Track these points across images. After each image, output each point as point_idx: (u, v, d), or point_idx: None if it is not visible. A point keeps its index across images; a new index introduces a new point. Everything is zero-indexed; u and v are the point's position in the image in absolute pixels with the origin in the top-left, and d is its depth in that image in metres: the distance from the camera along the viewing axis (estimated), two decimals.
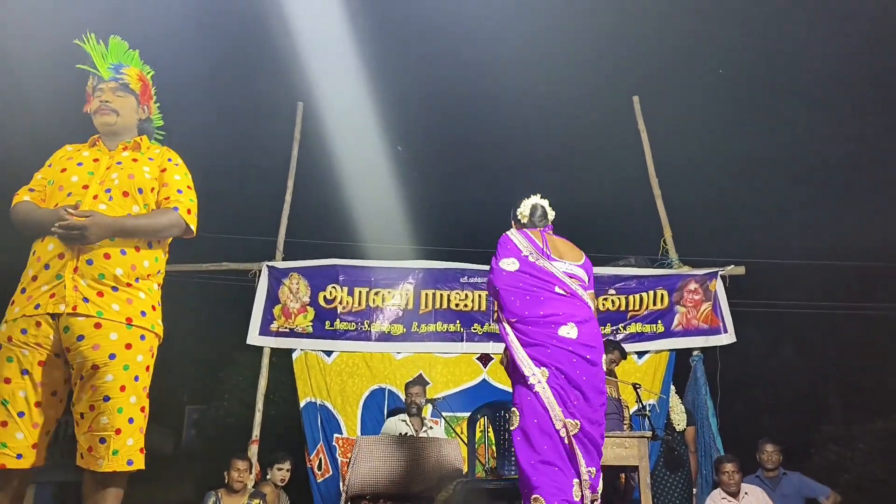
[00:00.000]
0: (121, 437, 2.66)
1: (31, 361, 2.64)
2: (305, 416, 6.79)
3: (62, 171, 2.89)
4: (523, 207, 3.89)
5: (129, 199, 2.86)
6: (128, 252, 2.80)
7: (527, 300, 3.40)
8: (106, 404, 2.64)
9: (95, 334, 2.66)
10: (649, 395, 6.52)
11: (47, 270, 2.70)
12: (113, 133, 3.02)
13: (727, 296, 7.15)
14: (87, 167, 2.90)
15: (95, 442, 2.63)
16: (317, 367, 6.89)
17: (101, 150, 2.99)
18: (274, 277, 7.00)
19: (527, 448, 3.17)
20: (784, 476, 6.28)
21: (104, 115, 3.00)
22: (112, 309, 2.71)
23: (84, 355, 2.64)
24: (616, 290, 7.15)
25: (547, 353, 3.25)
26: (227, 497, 5.83)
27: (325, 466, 6.61)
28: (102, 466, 2.63)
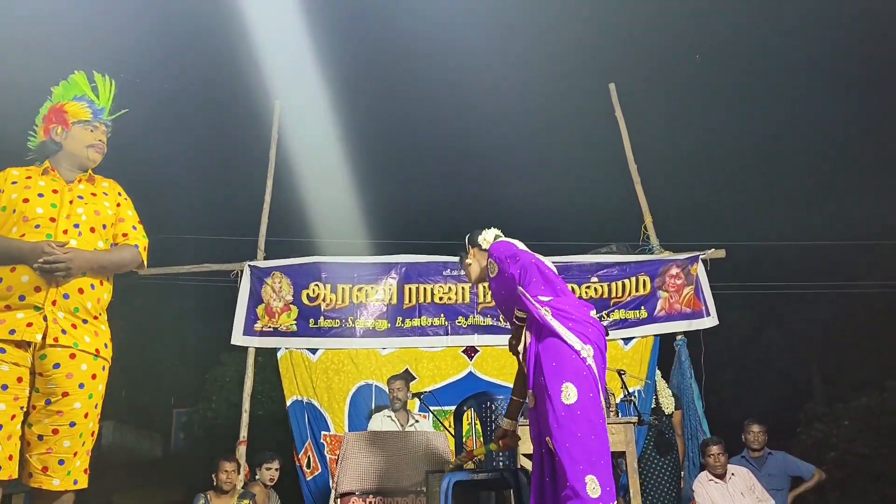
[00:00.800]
0: (76, 458, 2.83)
1: (11, 377, 2.72)
2: (292, 414, 6.78)
3: (24, 200, 2.89)
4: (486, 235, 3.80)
5: (96, 235, 2.97)
6: (95, 286, 2.92)
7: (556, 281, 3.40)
8: (71, 430, 2.80)
9: (70, 364, 2.81)
10: (635, 381, 6.56)
11: (22, 301, 2.78)
12: (82, 169, 3.08)
13: (709, 279, 7.20)
14: (49, 198, 2.93)
15: (54, 463, 2.79)
16: (302, 365, 6.88)
17: (58, 180, 3.00)
18: (256, 277, 6.98)
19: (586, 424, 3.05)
20: (769, 455, 6.36)
21: (97, 153, 3.10)
22: (84, 341, 2.86)
23: (56, 382, 2.79)
24: (598, 277, 7.18)
25: (589, 331, 3.22)
26: (217, 499, 5.82)
27: (314, 464, 6.61)
28: (58, 486, 2.79)
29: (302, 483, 6.63)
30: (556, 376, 3.13)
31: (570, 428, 3.04)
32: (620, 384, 5.43)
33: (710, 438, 6.13)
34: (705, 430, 6.65)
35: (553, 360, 3.16)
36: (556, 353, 3.17)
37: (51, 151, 3.06)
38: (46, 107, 3.15)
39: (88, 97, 3.13)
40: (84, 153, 3.06)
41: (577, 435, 3.03)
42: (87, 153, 3.06)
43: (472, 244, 3.79)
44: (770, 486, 6.14)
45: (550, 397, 3.11)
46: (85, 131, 3.07)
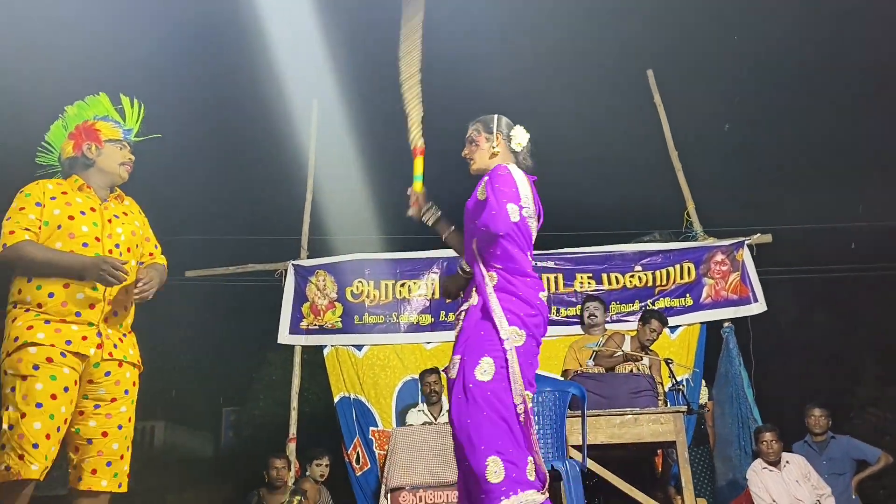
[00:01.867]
0: (122, 462, 2.97)
1: (69, 381, 2.82)
2: (340, 411, 6.84)
3: (69, 217, 2.96)
4: (519, 133, 3.24)
5: (132, 254, 3.11)
6: (132, 305, 3.08)
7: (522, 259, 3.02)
8: (119, 432, 2.95)
9: (118, 372, 2.97)
10: (682, 369, 6.48)
11: (78, 318, 2.90)
12: (112, 186, 3.17)
13: (755, 264, 7.08)
14: (90, 217, 3.02)
15: (102, 465, 2.91)
16: (348, 361, 6.93)
17: (93, 197, 3.07)
18: (300, 276, 7.05)
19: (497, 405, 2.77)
20: (832, 440, 6.25)
21: (126, 171, 3.18)
22: (129, 353, 3.04)
23: (107, 389, 2.94)
24: (642, 266, 7.11)
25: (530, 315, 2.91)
26: (269, 495, 5.90)
27: (363, 460, 6.66)
28: (106, 487, 2.91)
29: (352, 479, 6.69)
30: (479, 346, 2.87)
31: (476, 404, 2.77)
32: (668, 373, 5.36)
33: (763, 426, 6.03)
34: (756, 417, 6.54)
35: (483, 328, 2.89)
36: (489, 323, 2.89)
37: (79, 168, 3.12)
38: (59, 126, 3.22)
39: (112, 118, 3.22)
40: (117, 171, 3.15)
41: (482, 413, 2.76)
42: (119, 171, 3.16)
43: (500, 130, 3.21)
44: (831, 470, 6.03)
45: (465, 366, 2.87)
46: (116, 149, 3.16)
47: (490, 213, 2.88)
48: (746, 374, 6.78)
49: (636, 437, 4.69)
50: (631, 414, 4.71)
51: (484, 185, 3.03)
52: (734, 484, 6.39)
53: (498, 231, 2.86)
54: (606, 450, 4.71)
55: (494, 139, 3.17)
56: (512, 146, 3.18)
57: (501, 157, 3.15)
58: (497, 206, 2.88)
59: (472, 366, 2.83)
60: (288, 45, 10.28)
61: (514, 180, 2.98)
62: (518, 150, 3.19)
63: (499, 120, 3.20)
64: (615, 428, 4.68)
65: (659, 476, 5.72)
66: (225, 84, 13.18)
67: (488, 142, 3.17)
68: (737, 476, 6.30)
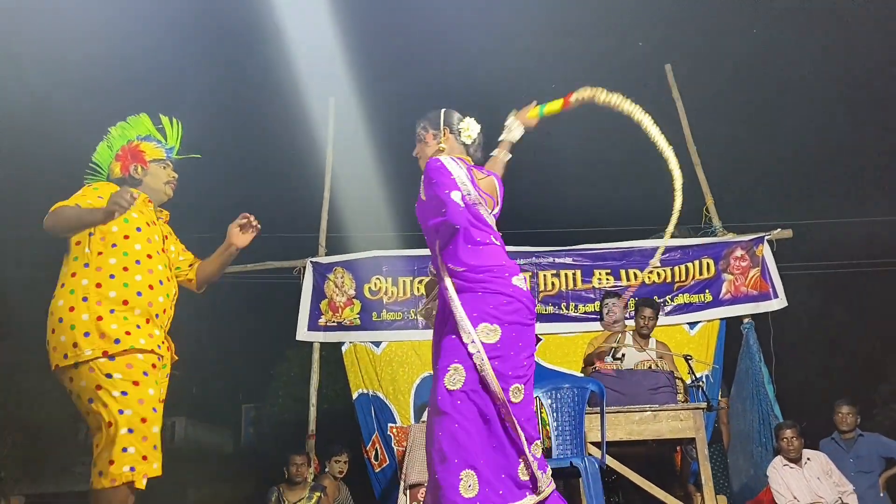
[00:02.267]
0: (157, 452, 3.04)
1: (158, 379, 2.99)
2: (359, 407, 6.86)
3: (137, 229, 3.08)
4: (471, 126, 3.13)
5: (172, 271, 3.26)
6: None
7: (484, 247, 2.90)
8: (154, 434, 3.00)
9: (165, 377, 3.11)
10: (702, 366, 6.45)
11: (157, 319, 3.05)
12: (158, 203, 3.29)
13: (776, 260, 7.02)
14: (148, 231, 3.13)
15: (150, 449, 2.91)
16: (366, 358, 6.95)
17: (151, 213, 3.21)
18: (318, 273, 7.08)
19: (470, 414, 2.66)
20: (861, 437, 6.20)
21: (171, 189, 3.31)
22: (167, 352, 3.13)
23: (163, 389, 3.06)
24: (661, 262, 7.08)
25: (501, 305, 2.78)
26: (289, 491, 5.94)
27: (382, 456, 6.68)
28: (157, 470, 2.93)
29: (370, 475, 6.71)
30: (448, 352, 2.75)
31: (447, 415, 2.64)
32: (688, 369, 5.34)
33: (784, 422, 5.99)
34: (777, 414, 6.49)
35: (453, 332, 2.78)
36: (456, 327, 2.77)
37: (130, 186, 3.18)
38: (105, 147, 3.31)
39: (154, 137, 3.32)
40: (163, 189, 3.28)
41: (454, 424, 2.63)
42: (165, 189, 3.29)
43: (448, 126, 3.11)
44: (859, 468, 5.99)
45: (436, 374, 2.77)
46: (160, 169, 3.28)
47: (439, 212, 2.80)
48: (767, 371, 6.73)
49: (655, 433, 4.68)
50: (650, 410, 4.69)
51: (422, 184, 2.96)
52: (755, 480, 6.35)
53: (458, 223, 2.77)
54: (625, 446, 4.70)
55: (441, 134, 3.09)
56: (462, 139, 3.10)
57: (449, 152, 3.06)
58: (445, 200, 2.78)
59: (442, 375, 2.71)
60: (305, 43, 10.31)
61: (447, 168, 2.88)
62: (469, 143, 3.11)
63: (446, 114, 3.12)
64: (634, 424, 4.66)
65: (678, 473, 5.70)
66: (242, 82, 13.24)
67: (435, 138, 3.11)
68: (758, 473, 6.26)
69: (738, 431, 6.78)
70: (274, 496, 5.92)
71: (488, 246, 2.90)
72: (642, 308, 5.78)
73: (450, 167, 2.88)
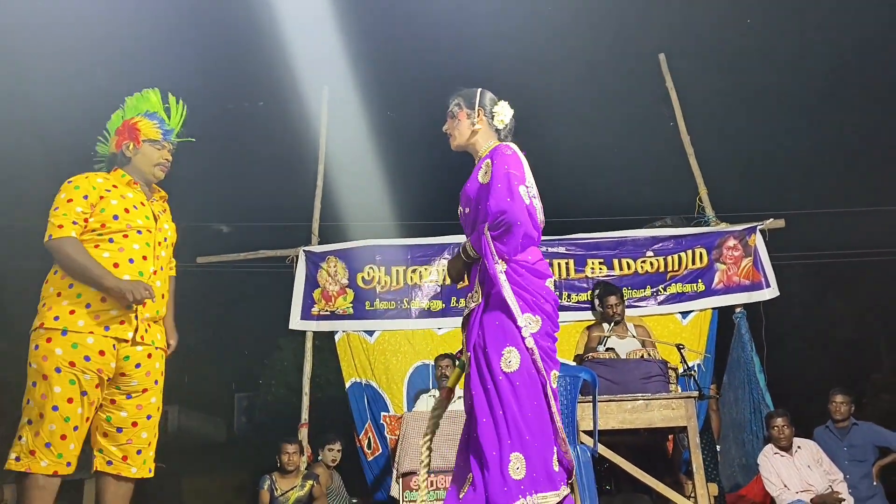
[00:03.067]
0: (150, 449, 3.10)
1: (90, 384, 2.92)
2: (352, 396, 6.87)
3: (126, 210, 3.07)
4: (503, 110, 3.05)
5: (169, 250, 3.26)
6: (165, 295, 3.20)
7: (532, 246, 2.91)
8: (149, 422, 3.08)
9: (147, 363, 3.07)
10: (694, 355, 6.47)
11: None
12: (146, 183, 3.25)
13: (768, 250, 7.04)
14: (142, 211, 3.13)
15: (132, 452, 3.03)
16: (360, 347, 6.95)
17: (140, 194, 3.18)
18: (311, 262, 7.07)
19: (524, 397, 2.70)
20: (855, 426, 6.23)
21: (162, 172, 3.26)
22: (157, 338, 3.14)
23: (138, 380, 3.04)
24: (654, 251, 7.09)
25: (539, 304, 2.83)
26: (281, 480, 5.94)
27: (375, 445, 6.69)
28: (136, 474, 3.04)
29: (363, 463, 6.72)
30: (499, 337, 2.77)
31: (504, 396, 2.68)
32: (680, 358, 5.36)
33: (775, 411, 6.03)
34: (769, 403, 6.53)
35: (498, 319, 2.79)
36: (504, 313, 2.79)
37: (119, 164, 3.22)
38: (119, 116, 3.29)
39: (160, 115, 3.28)
40: (151, 171, 3.23)
41: (511, 406, 2.66)
42: (154, 171, 3.23)
43: (482, 105, 3.04)
44: (852, 456, 6.03)
45: (488, 358, 2.75)
46: (153, 150, 3.23)
47: (504, 200, 2.76)
48: (758, 360, 6.76)
49: (647, 422, 4.69)
50: (642, 399, 4.71)
51: (487, 167, 2.89)
52: (747, 469, 6.38)
53: (517, 220, 2.75)
54: (617, 435, 4.71)
55: (476, 115, 3.01)
56: (494, 123, 3.03)
57: (483, 134, 3.02)
58: (511, 192, 2.76)
59: (497, 358, 2.73)
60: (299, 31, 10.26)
61: (520, 159, 2.88)
62: (500, 128, 3.04)
63: (482, 94, 3.05)
64: (626, 413, 4.68)
65: (670, 461, 5.72)
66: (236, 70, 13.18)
67: (469, 118, 3.02)
68: (749, 461, 6.30)
69: (730, 420, 6.81)
70: (266, 484, 5.93)
71: (535, 245, 2.94)
72: (606, 297, 5.82)
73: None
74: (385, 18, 11.27)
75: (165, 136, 3.26)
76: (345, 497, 6.54)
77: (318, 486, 5.98)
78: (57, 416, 2.84)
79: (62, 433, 2.84)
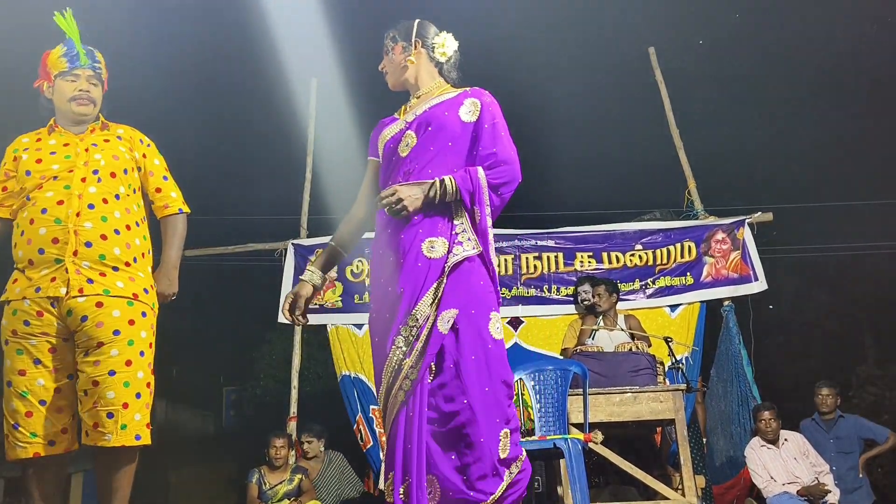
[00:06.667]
0: (128, 411, 2.68)
1: (41, 350, 2.68)
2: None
3: (37, 161, 2.82)
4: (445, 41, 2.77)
5: (116, 181, 2.85)
6: (121, 231, 2.79)
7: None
8: (112, 378, 2.66)
9: (98, 313, 2.68)
10: (682, 348, 6.49)
11: (42, 255, 2.70)
12: (82, 122, 2.94)
13: (756, 243, 7.06)
14: (62, 152, 2.83)
15: (102, 417, 2.65)
16: (349, 340, 6.94)
17: (65, 134, 2.89)
18: (300, 255, 7.04)
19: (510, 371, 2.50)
20: (841, 419, 6.29)
21: (82, 106, 2.89)
22: (117, 286, 2.74)
23: (89, 334, 2.67)
24: (643, 244, 7.10)
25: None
26: (270, 473, 5.94)
27: (366, 437, 6.69)
28: (111, 441, 2.65)
29: (365, 453, 6.73)
30: (486, 299, 2.49)
31: (494, 369, 2.40)
32: (668, 352, 5.38)
33: (762, 404, 6.07)
34: (756, 396, 6.56)
35: (482, 278, 2.51)
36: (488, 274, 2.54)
37: (49, 111, 2.96)
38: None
39: (71, 39, 2.92)
40: (67, 107, 2.89)
41: (501, 379, 2.40)
42: (70, 107, 2.89)
43: (421, 38, 2.75)
44: (839, 449, 6.09)
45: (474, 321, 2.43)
46: (66, 83, 2.89)
47: (512, 150, 2.57)
48: (746, 353, 6.79)
49: (635, 415, 4.71)
50: (630, 392, 4.72)
51: (474, 106, 2.62)
52: (734, 461, 6.42)
53: (519, 176, 2.57)
54: (606, 428, 4.72)
55: (412, 47, 2.73)
56: (435, 55, 2.75)
57: (424, 68, 2.74)
58: (511, 148, 2.57)
59: (486, 321, 2.44)
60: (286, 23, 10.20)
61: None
62: (443, 61, 2.77)
63: (420, 26, 2.76)
64: (615, 406, 4.69)
65: (658, 453, 5.75)
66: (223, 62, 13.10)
67: (404, 51, 2.74)
68: (736, 453, 6.33)
69: (718, 413, 6.84)
70: (255, 478, 5.92)
71: None
72: (598, 286, 5.86)
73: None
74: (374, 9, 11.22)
75: (73, 63, 2.87)
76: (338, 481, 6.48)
77: (306, 479, 5.98)
78: (12, 392, 2.64)
79: (26, 410, 2.62)
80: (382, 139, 2.71)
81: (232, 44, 12.17)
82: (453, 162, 2.57)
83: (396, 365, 2.40)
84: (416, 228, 2.49)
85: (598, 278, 6.19)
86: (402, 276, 2.46)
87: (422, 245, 2.47)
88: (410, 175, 2.54)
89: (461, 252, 2.47)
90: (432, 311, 2.40)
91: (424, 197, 2.48)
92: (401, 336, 2.41)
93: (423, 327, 2.39)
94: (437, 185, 2.48)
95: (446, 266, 2.44)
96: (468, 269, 2.48)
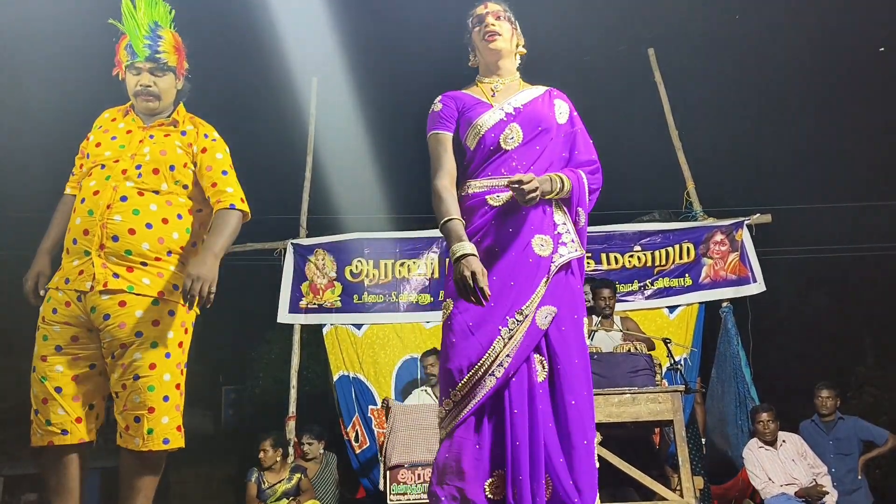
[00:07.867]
0: (155, 415, 2.63)
1: (64, 337, 2.63)
2: (339, 389, 6.86)
3: (97, 145, 2.82)
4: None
5: (159, 177, 2.76)
6: (153, 225, 2.70)
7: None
8: (136, 383, 2.61)
9: (121, 312, 2.61)
10: (681, 349, 6.50)
11: (75, 245, 2.68)
12: (152, 114, 2.88)
13: (755, 245, 7.07)
14: (121, 140, 2.81)
15: (131, 421, 2.62)
16: (347, 340, 6.94)
17: (136, 121, 2.86)
18: (299, 255, 7.04)
19: None
20: (840, 420, 6.29)
21: (146, 102, 2.84)
22: (142, 283, 2.66)
23: (112, 334, 2.61)
24: (642, 246, 7.11)
25: None
26: (269, 473, 5.94)
27: (363, 438, 6.69)
28: (139, 446, 2.61)
29: (351, 456, 6.72)
30: (581, 304, 2.59)
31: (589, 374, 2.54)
32: (666, 353, 5.38)
33: (760, 405, 6.08)
34: (754, 397, 6.58)
35: (578, 285, 2.59)
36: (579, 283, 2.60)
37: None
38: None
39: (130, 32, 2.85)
40: (134, 101, 2.87)
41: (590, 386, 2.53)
42: (136, 102, 2.86)
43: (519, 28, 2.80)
44: (838, 450, 6.09)
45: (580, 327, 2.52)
46: (130, 76, 2.85)
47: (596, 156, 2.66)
48: (744, 354, 6.80)
49: (634, 416, 4.71)
50: (629, 393, 4.73)
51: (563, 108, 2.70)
52: (732, 463, 6.43)
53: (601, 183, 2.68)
54: (604, 429, 4.73)
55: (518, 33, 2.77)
56: (520, 48, 2.82)
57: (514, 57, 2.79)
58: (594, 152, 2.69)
59: (583, 326, 2.53)
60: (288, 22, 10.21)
61: None
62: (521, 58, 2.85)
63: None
64: (613, 407, 4.69)
65: (656, 454, 5.75)
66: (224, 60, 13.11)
67: (515, 34, 2.77)
68: (735, 454, 6.34)
69: (717, 414, 6.85)
70: (254, 477, 5.92)
71: None
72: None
73: None
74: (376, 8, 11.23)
75: (132, 57, 2.80)
76: (334, 482, 6.49)
77: (305, 479, 5.98)
78: (35, 377, 2.60)
79: (43, 396, 2.58)
80: (477, 125, 2.62)
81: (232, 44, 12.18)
82: (550, 161, 2.61)
83: (494, 354, 2.40)
84: (528, 224, 2.50)
85: (598, 280, 6.19)
86: (513, 270, 2.47)
87: (532, 241, 2.49)
88: (515, 170, 2.54)
89: (566, 253, 2.51)
90: (535, 306, 2.44)
91: (547, 192, 2.50)
92: (506, 328, 2.42)
93: (524, 321, 2.42)
94: (558, 182, 2.52)
95: (552, 266, 2.47)
96: (570, 270, 2.54)
